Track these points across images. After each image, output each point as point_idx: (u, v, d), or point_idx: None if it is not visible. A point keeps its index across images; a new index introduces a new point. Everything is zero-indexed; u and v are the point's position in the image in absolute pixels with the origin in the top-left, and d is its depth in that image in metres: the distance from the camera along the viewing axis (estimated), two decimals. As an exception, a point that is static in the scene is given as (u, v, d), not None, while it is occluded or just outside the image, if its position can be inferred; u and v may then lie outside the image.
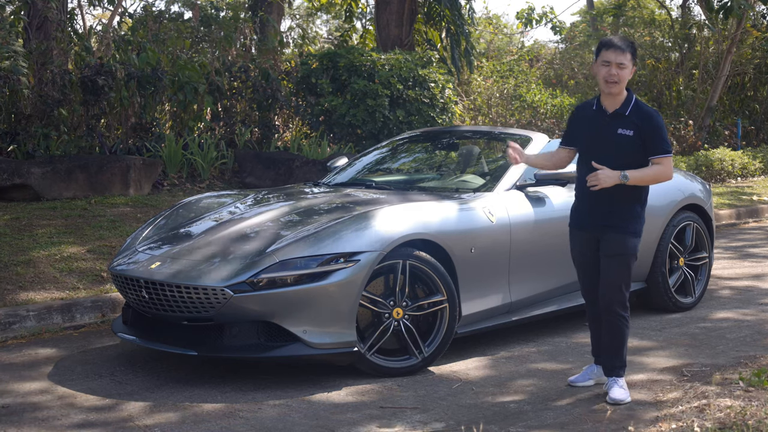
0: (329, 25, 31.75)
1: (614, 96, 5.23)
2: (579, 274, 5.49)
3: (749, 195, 14.68)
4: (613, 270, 5.24)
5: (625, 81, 5.19)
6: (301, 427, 4.89)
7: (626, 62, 5.17)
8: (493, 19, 27.81)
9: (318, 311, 5.50)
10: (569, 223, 5.49)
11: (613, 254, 5.23)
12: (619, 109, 5.23)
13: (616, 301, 5.25)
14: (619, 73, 5.16)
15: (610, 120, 5.24)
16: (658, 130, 5.19)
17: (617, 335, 5.29)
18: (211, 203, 6.93)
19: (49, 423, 4.98)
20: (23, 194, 10.50)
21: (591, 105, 5.39)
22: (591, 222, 5.30)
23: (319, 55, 14.62)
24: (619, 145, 5.20)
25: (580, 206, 5.38)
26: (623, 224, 5.23)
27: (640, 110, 5.23)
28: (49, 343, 6.61)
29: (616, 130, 5.21)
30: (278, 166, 12.35)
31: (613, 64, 5.16)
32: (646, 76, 21.48)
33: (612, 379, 5.31)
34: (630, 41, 5.26)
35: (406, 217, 5.88)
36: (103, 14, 25.97)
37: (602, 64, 5.20)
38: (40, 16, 12.93)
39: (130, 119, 12.71)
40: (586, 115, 5.38)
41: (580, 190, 5.38)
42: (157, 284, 5.69)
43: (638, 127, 5.18)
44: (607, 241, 5.24)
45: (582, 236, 5.36)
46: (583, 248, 5.38)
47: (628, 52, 5.18)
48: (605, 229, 5.24)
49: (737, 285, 8.59)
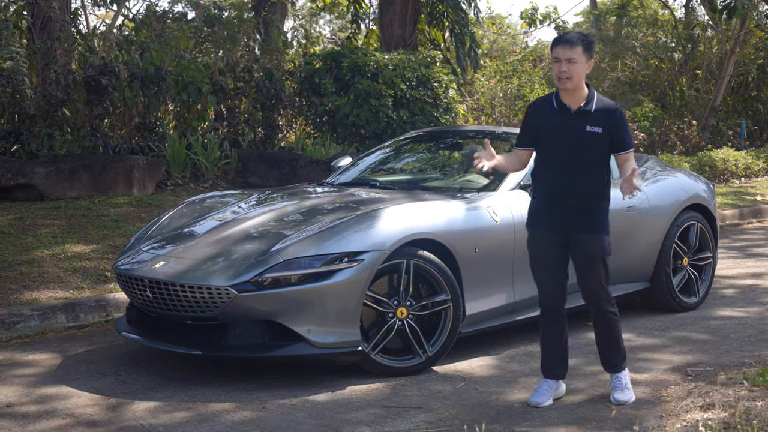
0: (332, 25, 31.76)
1: (573, 92, 5.07)
2: (543, 276, 5.25)
3: (753, 195, 14.66)
4: (595, 270, 5.14)
5: (578, 76, 5.01)
6: (306, 426, 4.89)
7: (576, 57, 4.97)
8: (497, 20, 27.80)
9: (322, 311, 5.50)
10: (530, 224, 5.28)
11: (592, 255, 5.12)
12: (584, 106, 5.07)
13: (604, 300, 5.19)
14: (570, 68, 4.98)
15: (577, 118, 5.08)
16: (623, 124, 5.08)
17: (612, 331, 5.24)
18: (214, 203, 6.93)
19: (53, 422, 4.98)
20: (27, 194, 10.51)
21: (549, 102, 5.19)
22: (560, 224, 5.14)
23: (322, 55, 14.63)
24: (589, 142, 5.06)
25: (545, 208, 5.18)
26: (596, 224, 5.12)
27: (605, 106, 5.10)
28: (53, 343, 6.61)
29: (585, 127, 5.06)
30: (282, 166, 12.35)
31: (563, 60, 5.00)
32: (650, 76, 21.48)
33: (615, 378, 5.27)
34: (583, 34, 5.09)
35: (409, 216, 5.88)
36: (107, 14, 25.98)
37: (553, 60, 5.06)
38: (44, 16, 12.94)
39: (134, 119, 12.72)
40: (545, 113, 5.18)
41: (544, 191, 5.19)
42: (161, 284, 5.69)
43: (605, 123, 5.05)
44: (583, 242, 5.11)
45: (550, 237, 5.18)
46: (550, 250, 5.19)
47: (579, 45, 4.98)
48: (579, 230, 5.11)
49: (741, 284, 8.58)
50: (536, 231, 5.25)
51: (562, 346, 5.33)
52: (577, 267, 5.20)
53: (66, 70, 12.13)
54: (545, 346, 5.34)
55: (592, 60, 5.08)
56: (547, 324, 5.33)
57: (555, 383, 5.31)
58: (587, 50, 5.02)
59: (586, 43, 5.03)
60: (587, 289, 5.21)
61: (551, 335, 5.32)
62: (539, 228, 5.23)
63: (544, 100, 5.24)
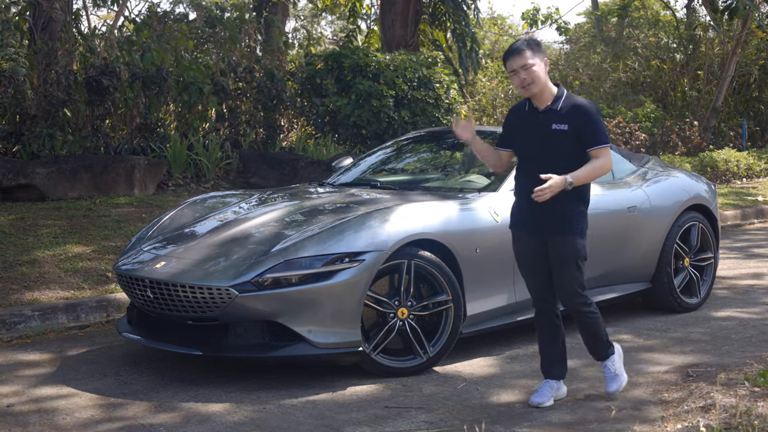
0: (334, 26, 31.78)
1: (540, 95, 5.12)
2: (527, 277, 5.31)
3: (754, 196, 14.65)
4: (568, 273, 5.14)
5: (539, 78, 5.05)
6: (306, 426, 4.89)
7: (529, 61, 5.03)
8: (498, 20, 27.80)
9: (323, 311, 5.50)
10: (512, 225, 5.31)
11: (565, 257, 5.12)
12: (550, 105, 5.12)
13: (578, 302, 5.18)
14: (529, 74, 5.04)
15: (543, 117, 5.13)
16: (591, 121, 5.07)
17: (593, 327, 5.24)
18: (215, 203, 6.93)
19: (54, 422, 4.98)
20: (28, 194, 10.51)
21: (524, 105, 5.26)
22: (537, 225, 5.15)
23: (324, 56, 14.63)
24: (555, 140, 5.08)
25: (524, 209, 5.20)
26: (570, 226, 5.10)
27: (571, 104, 5.12)
28: (54, 343, 6.61)
29: (551, 125, 5.09)
30: (283, 166, 12.36)
31: (518, 70, 5.06)
32: (651, 76, 21.47)
33: (604, 367, 5.32)
34: (525, 39, 5.15)
35: (410, 217, 5.87)
36: (108, 15, 26.00)
37: (511, 74, 5.13)
38: (45, 16, 12.96)
39: (135, 119, 12.73)
40: (520, 115, 5.26)
41: (521, 192, 5.22)
42: (161, 284, 5.69)
43: (571, 120, 5.07)
44: (557, 245, 5.12)
45: (528, 239, 5.21)
46: (529, 251, 5.23)
47: (526, 50, 5.04)
48: (552, 233, 5.12)
49: (742, 285, 8.58)
50: (516, 232, 5.29)
51: (560, 347, 5.33)
52: (552, 268, 5.20)
53: (67, 71, 12.14)
54: (543, 346, 5.36)
55: (545, 58, 5.15)
56: (542, 324, 5.34)
57: (556, 383, 5.32)
58: (536, 52, 5.09)
59: (531, 45, 5.11)
60: (561, 290, 5.20)
61: (547, 336, 5.33)
62: (519, 229, 5.27)
63: (520, 104, 5.31)
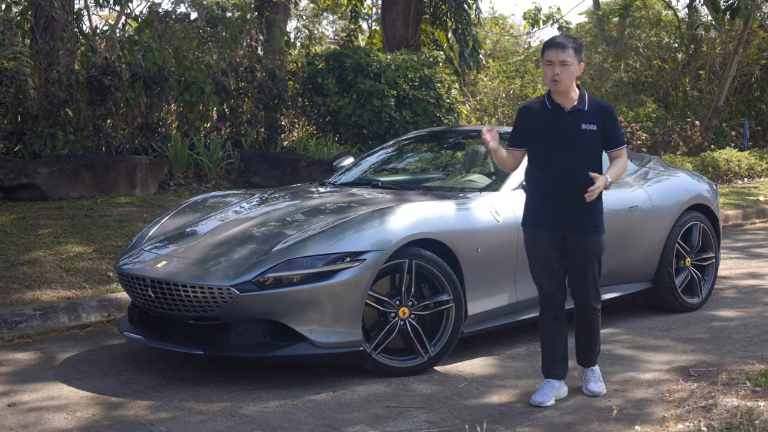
0: (335, 25, 31.77)
1: (565, 93, 5.18)
2: (543, 275, 5.29)
3: (755, 195, 14.64)
4: (590, 269, 5.25)
5: (570, 78, 5.14)
6: (307, 426, 4.89)
7: (569, 59, 5.10)
8: (500, 20, 27.79)
9: (324, 310, 5.50)
10: (526, 224, 5.31)
11: (589, 255, 5.22)
12: (578, 105, 5.19)
13: (593, 297, 5.32)
14: (563, 71, 5.11)
15: (572, 116, 5.18)
16: (616, 122, 5.26)
17: (595, 329, 5.37)
18: (216, 203, 6.93)
19: (55, 422, 4.98)
20: (30, 194, 10.52)
21: (540, 104, 5.28)
22: (559, 223, 5.19)
23: (325, 56, 14.62)
24: (584, 140, 5.17)
25: (542, 206, 5.23)
26: (594, 224, 5.21)
27: (597, 104, 5.25)
28: (55, 343, 6.61)
29: (580, 125, 5.17)
30: (284, 166, 12.35)
31: (555, 63, 5.12)
32: (653, 76, 21.46)
33: (590, 371, 5.40)
34: (573, 38, 5.22)
35: (411, 216, 5.87)
36: (110, 15, 26.00)
37: (546, 64, 5.17)
38: (47, 16, 12.96)
39: (137, 119, 12.73)
40: (538, 114, 5.26)
41: (538, 190, 5.26)
42: (163, 283, 5.69)
43: (599, 120, 5.19)
44: (581, 243, 5.19)
45: (549, 236, 5.22)
46: (548, 249, 5.24)
47: (571, 48, 5.12)
48: (576, 231, 5.19)
49: (744, 285, 8.57)
50: (533, 230, 5.29)
51: (563, 346, 5.34)
52: (570, 264, 5.26)
53: (69, 71, 12.14)
54: (546, 346, 5.36)
55: (582, 63, 5.21)
56: (547, 323, 5.35)
57: (558, 383, 5.32)
58: (578, 53, 5.16)
59: (576, 46, 5.17)
60: (578, 285, 5.30)
61: (551, 335, 5.34)
62: (536, 227, 5.27)
63: (534, 102, 5.34)
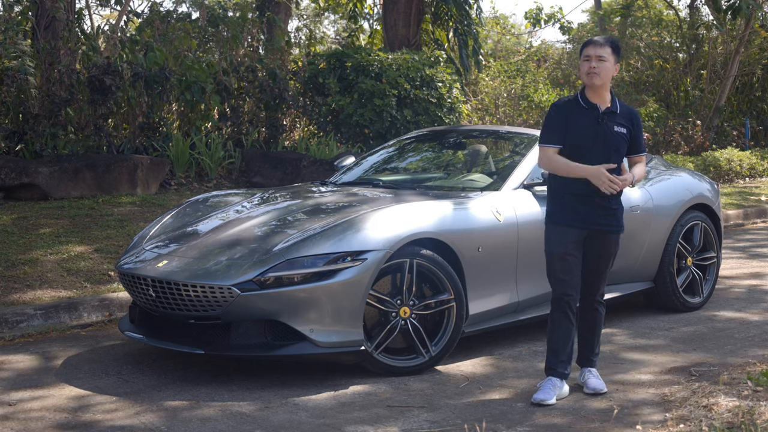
0: (337, 25, 31.78)
1: (599, 91, 5.27)
2: (563, 272, 5.29)
3: (757, 195, 14.63)
4: (605, 268, 5.41)
5: (606, 74, 5.23)
6: (308, 425, 4.88)
7: (606, 55, 5.22)
8: (501, 20, 27.78)
9: (325, 310, 5.49)
10: (553, 221, 5.33)
11: (609, 253, 5.38)
12: (610, 107, 5.31)
13: (601, 293, 5.47)
14: (599, 65, 5.21)
15: (607, 117, 5.29)
16: (641, 128, 5.41)
17: (598, 326, 5.49)
18: (218, 202, 6.93)
19: (56, 421, 4.98)
20: (31, 193, 10.52)
21: (576, 102, 5.32)
22: (585, 221, 5.26)
23: (326, 55, 14.62)
24: (615, 142, 5.28)
25: (573, 204, 5.26)
26: (618, 223, 5.37)
27: (627, 109, 5.39)
28: (57, 342, 6.61)
29: (613, 128, 5.28)
30: (285, 165, 12.35)
31: (593, 57, 5.23)
32: (654, 76, 21.44)
33: (587, 370, 5.46)
34: (612, 38, 5.34)
35: (413, 216, 5.87)
36: (111, 14, 26.02)
37: (584, 60, 5.28)
38: (48, 15, 12.96)
39: (138, 119, 12.73)
40: (576, 110, 5.30)
41: (570, 188, 5.26)
42: (164, 283, 5.69)
43: (630, 125, 5.33)
44: (604, 240, 5.33)
45: (574, 234, 5.28)
46: (571, 246, 5.28)
47: (608, 45, 5.26)
48: (602, 229, 5.30)
49: (745, 285, 8.57)
50: (558, 227, 5.32)
51: (570, 345, 5.35)
52: (589, 260, 5.37)
53: (70, 70, 12.14)
54: (552, 343, 5.36)
55: (618, 64, 5.32)
56: (558, 321, 5.34)
57: (560, 382, 5.32)
58: (615, 52, 5.30)
59: (614, 45, 5.32)
60: (591, 280, 5.41)
61: (560, 333, 5.33)
62: (562, 224, 5.30)
63: (568, 100, 5.40)
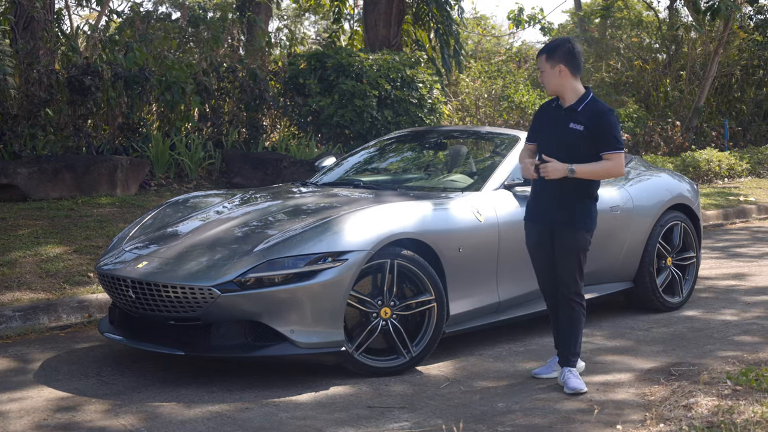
0: (317, 26, 31.75)
1: (562, 94, 5.42)
2: (535, 266, 5.66)
3: (736, 195, 14.72)
4: (566, 264, 5.46)
5: (548, 81, 5.40)
6: (289, 426, 4.87)
7: (541, 65, 5.38)
8: (482, 20, 27.84)
9: (305, 311, 5.48)
10: (525, 217, 5.65)
11: (566, 249, 5.45)
12: (573, 105, 5.40)
13: (573, 292, 5.49)
14: (541, 76, 5.41)
15: (565, 115, 5.41)
16: (608, 126, 5.33)
17: (575, 324, 5.51)
18: (198, 203, 6.90)
19: (35, 423, 4.94)
20: (9, 194, 10.45)
21: (553, 102, 5.55)
22: (544, 217, 5.49)
23: (307, 56, 14.61)
24: (569, 139, 5.37)
25: (535, 201, 5.55)
26: (574, 220, 5.42)
27: (592, 107, 5.39)
28: (35, 344, 6.57)
29: (568, 124, 5.38)
30: (266, 166, 12.33)
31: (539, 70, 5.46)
32: (634, 77, 21.54)
33: (567, 370, 5.49)
34: (547, 45, 5.47)
35: (393, 216, 5.86)
36: (91, 15, 25.90)
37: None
38: (27, 16, 12.89)
39: (117, 119, 12.68)
40: (548, 110, 5.56)
41: (535, 185, 5.55)
42: (143, 284, 5.66)
43: (588, 122, 5.35)
44: (560, 236, 5.45)
45: (536, 229, 5.54)
46: (537, 241, 5.55)
47: (543, 54, 5.39)
48: (557, 224, 5.44)
49: (724, 285, 8.61)
50: (528, 223, 5.62)
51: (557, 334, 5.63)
52: (556, 258, 5.50)
53: (49, 70, 12.07)
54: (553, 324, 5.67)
55: (558, 65, 5.36)
56: (549, 310, 5.69)
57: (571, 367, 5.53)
58: (549, 58, 5.38)
59: (548, 50, 5.41)
60: (560, 277, 5.51)
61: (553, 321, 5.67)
62: (530, 220, 5.59)
63: (550, 101, 5.61)
